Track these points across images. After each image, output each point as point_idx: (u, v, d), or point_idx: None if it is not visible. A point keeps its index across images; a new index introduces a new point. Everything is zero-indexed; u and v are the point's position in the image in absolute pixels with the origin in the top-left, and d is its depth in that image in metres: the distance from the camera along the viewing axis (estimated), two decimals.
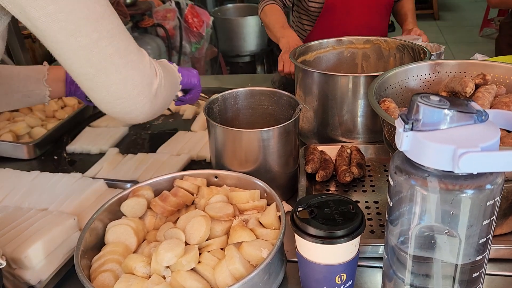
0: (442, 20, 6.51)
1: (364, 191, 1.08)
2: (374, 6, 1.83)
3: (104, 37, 0.71)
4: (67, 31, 0.67)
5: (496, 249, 0.85)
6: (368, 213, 1.00)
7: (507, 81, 1.02)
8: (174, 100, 1.18)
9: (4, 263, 0.75)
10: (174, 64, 1.10)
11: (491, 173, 0.58)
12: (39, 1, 0.64)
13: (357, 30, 1.81)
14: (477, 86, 0.98)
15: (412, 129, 0.57)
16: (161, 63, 0.96)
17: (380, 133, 1.20)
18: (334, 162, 1.15)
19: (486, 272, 0.83)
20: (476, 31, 5.75)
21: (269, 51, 3.83)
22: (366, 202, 1.03)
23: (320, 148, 1.19)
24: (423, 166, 0.58)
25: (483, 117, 0.57)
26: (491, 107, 0.94)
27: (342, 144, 1.20)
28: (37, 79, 1.11)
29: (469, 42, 5.56)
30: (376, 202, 1.03)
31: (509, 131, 0.85)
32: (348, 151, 1.17)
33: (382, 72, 1.05)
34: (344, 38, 1.44)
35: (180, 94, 1.17)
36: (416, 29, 1.64)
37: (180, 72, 1.10)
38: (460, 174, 0.56)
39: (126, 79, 0.76)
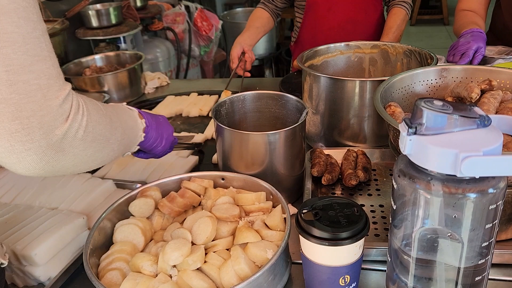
0: (452, 25, 6.47)
1: (369, 194, 1.08)
2: (358, 3, 1.84)
3: None
4: None
5: (500, 254, 0.85)
6: (373, 217, 1.00)
7: None
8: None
9: (5, 262, 0.74)
10: (144, 121, 0.89)
11: (493, 177, 0.58)
12: None
13: (341, 25, 1.84)
14: (482, 92, 0.99)
15: (415, 133, 0.58)
16: (113, 111, 0.75)
17: (386, 137, 1.21)
18: (340, 165, 1.16)
19: (490, 277, 0.83)
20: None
21: (277, 55, 3.85)
22: (372, 205, 1.04)
23: (326, 151, 1.20)
24: (426, 169, 0.59)
25: (486, 122, 0.58)
26: (496, 113, 0.94)
27: (348, 148, 1.21)
28: None
29: None
30: (381, 206, 1.04)
31: None
32: (354, 155, 1.17)
33: (388, 77, 1.06)
34: (352, 43, 1.45)
35: (130, 150, 0.91)
36: None
37: (146, 132, 0.89)
38: (462, 178, 0.57)
39: (4, 104, 0.56)
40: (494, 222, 0.60)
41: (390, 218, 0.69)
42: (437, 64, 1.16)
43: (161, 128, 0.96)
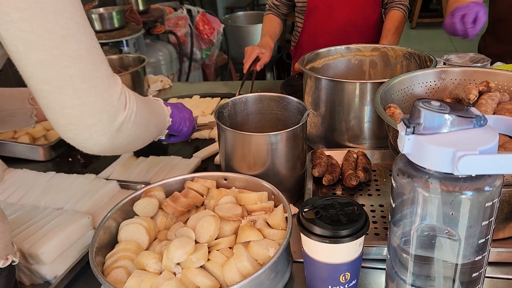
0: None
1: (369, 194, 1.10)
2: (358, 5, 1.85)
3: (68, 56, 0.65)
4: (29, 42, 0.62)
5: (498, 253, 0.86)
6: (373, 216, 1.02)
7: (511, 88, 1.04)
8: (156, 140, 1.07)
9: (17, 260, 0.78)
10: (169, 108, 1.04)
11: (489, 176, 0.60)
12: (5, 7, 0.59)
13: (341, 27, 1.86)
14: (480, 93, 1.00)
15: (413, 133, 0.60)
16: (147, 101, 0.89)
17: (386, 138, 1.22)
18: (340, 166, 1.17)
19: (489, 275, 0.85)
20: None
21: (278, 58, 3.87)
22: (372, 205, 1.06)
23: (327, 152, 1.22)
24: (424, 168, 0.60)
25: (482, 122, 0.60)
26: (494, 114, 0.96)
27: (348, 149, 1.22)
28: (22, 98, 1.09)
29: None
30: (381, 205, 1.05)
31: (511, 137, 0.87)
32: (355, 155, 1.19)
33: (388, 79, 1.07)
34: (352, 46, 1.47)
35: (163, 136, 1.08)
36: None
37: (172, 117, 1.04)
38: (459, 176, 0.59)
39: (84, 106, 0.69)
40: (490, 220, 0.62)
41: (389, 216, 0.71)
42: (436, 67, 1.18)
43: (182, 112, 1.10)
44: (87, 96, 0.69)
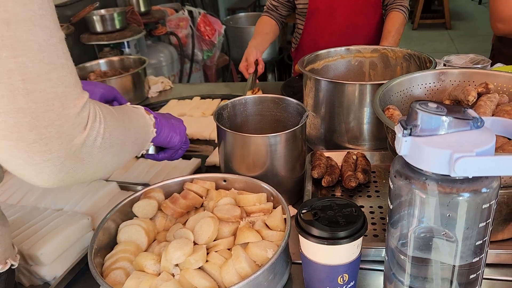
0: (454, 29, 6.51)
1: (369, 196, 1.10)
2: (359, 7, 1.86)
3: (9, 46, 0.52)
4: None
5: (496, 254, 0.86)
6: (372, 218, 1.02)
7: (510, 90, 1.04)
8: (138, 157, 0.94)
9: (16, 264, 0.75)
10: (152, 116, 0.89)
11: (486, 177, 0.60)
12: None
13: (342, 29, 1.86)
14: (480, 95, 1.00)
15: (410, 134, 0.60)
16: (123, 113, 0.74)
17: (385, 140, 1.22)
18: (340, 168, 1.17)
19: (487, 277, 0.85)
20: (489, 40, 5.70)
21: (279, 59, 3.88)
22: (371, 207, 1.06)
23: (327, 154, 1.22)
24: (422, 170, 0.60)
25: (479, 124, 0.60)
26: (493, 115, 0.96)
27: (348, 150, 1.22)
28: None
29: (481, 52, 5.54)
30: (380, 207, 1.05)
31: (510, 139, 0.87)
32: (354, 157, 1.19)
33: (387, 81, 1.07)
34: (352, 47, 1.47)
35: (151, 150, 0.96)
36: None
37: (158, 127, 0.90)
38: (456, 178, 0.59)
39: (22, 113, 0.54)
40: (487, 221, 0.62)
41: (387, 218, 0.71)
42: (436, 68, 1.18)
43: (170, 120, 0.96)
44: (28, 101, 0.54)
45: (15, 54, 0.53)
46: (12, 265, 0.74)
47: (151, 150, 0.97)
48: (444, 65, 1.43)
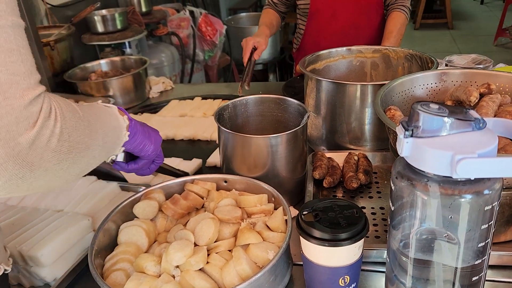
0: (456, 29, 6.49)
1: (370, 197, 1.09)
2: (361, 7, 1.85)
3: None
4: None
5: (499, 256, 0.86)
6: (374, 219, 1.01)
7: None
8: (109, 162, 0.85)
9: (9, 269, 0.72)
10: (126, 117, 0.79)
11: (489, 179, 0.60)
12: None
13: (344, 30, 1.86)
14: (481, 95, 1.00)
15: (412, 136, 0.60)
16: (90, 111, 0.64)
17: (387, 140, 1.22)
18: (341, 168, 1.17)
19: (490, 279, 0.84)
20: (491, 40, 5.72)
21: (281, 60, 3.87)
22: (372, 208, 1.05)
23: (328, 154, 1.21)
24: (423, 171, 0.60)
25: (481, 125, 0.59)
26: (495, 116, 0.95)
27: (349, 151, 1.22)
28: None
29: (483, 52, 5.53)
30: (382, 208, 1.05)
31: None
32: (356, 158, 1.19)
33: (389, 81, 1.07)
34: (353, 48, 1.47)
35: (120, 157, 0.85)
36: None
37: (132, 130, 0.80)
38: (458, 180, 0.58)
39: None
40: (490, 223, 0.62)
41: (389, 220, 0.70)
42: (438, 68, 1.17)
43: (145, 126, 0.87)
44: None
45: None
46: (5, 270, 0.72)
47: (120, 157, 0.86)
48: (446, 65, 1.42)
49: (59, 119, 0.54)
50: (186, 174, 1.16)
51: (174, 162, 1.31)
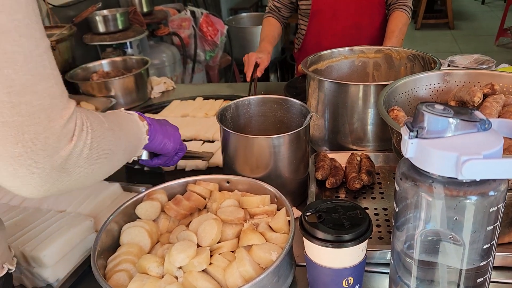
0: (457, 29, 6.49)
1: (373, 198, 1.09)
2: (362, 7, 1.85)
3: None
4: None
5: (503, 257, 0.85)
6: (377, 220, 1.01)
7: None
8: (131, 162, 0.92)
9: (13, 268, 0.74)
10: (145, 123, 0.89)
11: (494, 180, 0.59)
12: None
13: (346, 30, 1.85)
14: (485, 96, 0.99)
15: (417, 137, 0.59)
16: (114, 120, 0.73)
17: (389, 141, 1.21)
18: (344, 169, 1.17)
19: (494, 280, 0.84)
20: (492, 40, 5.72)
21: (282, 60, 3.87)
22: (375, 209, 1.05)
23: (331, 155, 1.21)
24: (428, 172, 0.60)
25: (486, 126, 0.59)
26: (499, 117, 0.95)
27: (352, 151, 1.22)
28: None
29: (484, 52, 5.53)
30: (385, 209, 1.05)
31: None
32: (358, 158, 1.19)
33: (392, 81, 1.07)
34: (356, 48, 1.46)
35: (144, 156, 0.96)
36: None
37: (151, 133, 0.89)
38: (463, 181, 0.58)
39: (7, 126, 0.53)
40: (495, 225, 0.61)
41: (393, 221, 0.70)
42: (440, 69, 1.17)
43: (165, 127, 0.96)
44: (14, 114, 0.53)
45: (1, 66, 0.52)
46: (9, 269, 0.73)
47: (144, 156, 0.98)
48: (448, 65, 1.42)
49: (89, 131, 0.63)
50: (211, 154, 1.26)
51: (196, 145, 1.38)
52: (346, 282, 0.76)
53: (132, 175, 1.29)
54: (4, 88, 0.52)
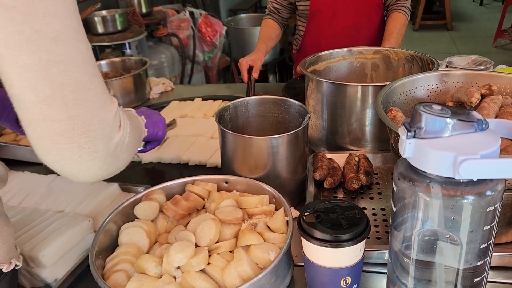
0: (455, 30, 6.51)
1: (371, 198, 1.09)
2: (361, 7, 1.85)
3: (59, 61, 0.58)
4: (14, 44, 0.55)
5: (500, 257, 0.86)
6: (375, 220, 1.01)
7: None
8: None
9: (20, 264, 0.77)
10: (143, 117, 0.98)
11: (491, 180, 0.59)
12: None
13: (344, 31, 1.86)
14: (483, 96, 1.00)
15: (414, 137, 0.59)
16: (131, 117, 0.81)
17: (387, 141, 1.22)
18: (342, 169, 1.17)
19: (491, 280, 0.84)
20: (490, 41, 5.73)
21: (281, 61, 3.88)
22: (373, 209, 1.05)
23: (329, 155, 1.21)
24: (426, 172, 0.60)
25: (484, 126, 0.59)
26: (496, 117, 0.95)
27: (350, 152, 1.22)
28: None
29: (482, 53, 5.53)
30: (382, 209, 1.05)
31: None
32: (356, 159, 1.19)
33: (390, 82, 1.07)
34: (354, 49, 1.47)
35: (140, 146, 1.06)
36: None
37: (146, 126, 0.98)
38: (461, 181, 0.58)
39: (74, 119, 0.60)
40: (492, 224, 0.61)
41: (390, 221, 0.70)
42: (438, 69, 1.17)
43: (152, 117, 1.03)
44: (79, 109, 0.61)
45: (64, 68, 0.58)
46: (16, 265, 0.75)
47: (141, 146, 1.06)
48: (446, 66, 1.42)
49: (127, 123, 0.71)
50: (174, 121, 1.31)
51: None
52: (344, 282, 0.76)
53: (131, 175, 1.29)
54: (70, 87, 0.59)
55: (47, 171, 1.33)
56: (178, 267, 0.80)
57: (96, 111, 0.63)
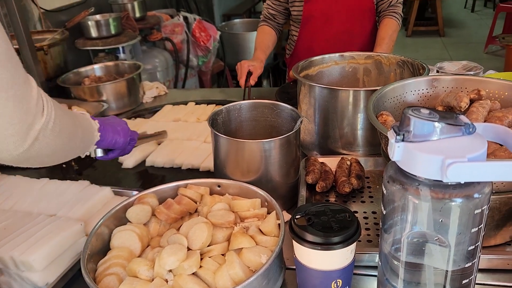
0: (447, 36, 6.57)
1: (362, 201, 1.10)
2: (354, 13, 1.87)
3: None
4: None
5: (489, 259, 0.87)
6: (366, 223, 1.02)
7: (502, 96, 1.05)
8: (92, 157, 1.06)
9: None
10: (96, 121, 0.98)
11: (478, 183, 0.60)
12: None
13: (337, 36, 1.87)
14: (472, 101, 1.01)
15: (403, 140, 0.60)
16: (70, 112, 0.85)
17: (379, 146, 1.23)
18: (334, 173, 1.18)
19: (480, 282, 0.85)
20: (481, 47, 5.79)
21: (274, 65, 3.89)
22: (365, 212, 1.06)
23: (321, 159, 1.22)
24: (415, 175, 0.61)
25: (471, 130, 0.60)
26: (484, 121, 0.96)
27: (342, 156, 1.23)
28: None
29: (474, 59, 5.58)
30: (374, 212, 1.06)
31: (501, 145, 0.88)
32: (348, 163, 1.20)
33: (381, 87, 1.08)
34: (346, 54, 1.48)
35: (99, 153, 1.07)
36: None
37: (102, 133, 0.99)
38: (449, 184, 0.59)
39: (2, 117, 0.66)
40: (479, 226, 0.62)
41: (380, 223, 0.71)
42: (429, 74, 1.19)
43: (113, 124, 1.05)
44: (5, 106, 0.65)
45: None
46: None
47: (100, 153, 1.07)
48: (437, 71, 1.44)
49: (52, 108, 0.74)
50: (164, 132, 1.35)
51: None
52: (335, 284, 0.77)
53: (123, 179, 1.29)
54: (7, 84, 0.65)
55: (39, 175, 1.34)
56: (170, 270, 0.80)
57: (21, 104, 0.67)
